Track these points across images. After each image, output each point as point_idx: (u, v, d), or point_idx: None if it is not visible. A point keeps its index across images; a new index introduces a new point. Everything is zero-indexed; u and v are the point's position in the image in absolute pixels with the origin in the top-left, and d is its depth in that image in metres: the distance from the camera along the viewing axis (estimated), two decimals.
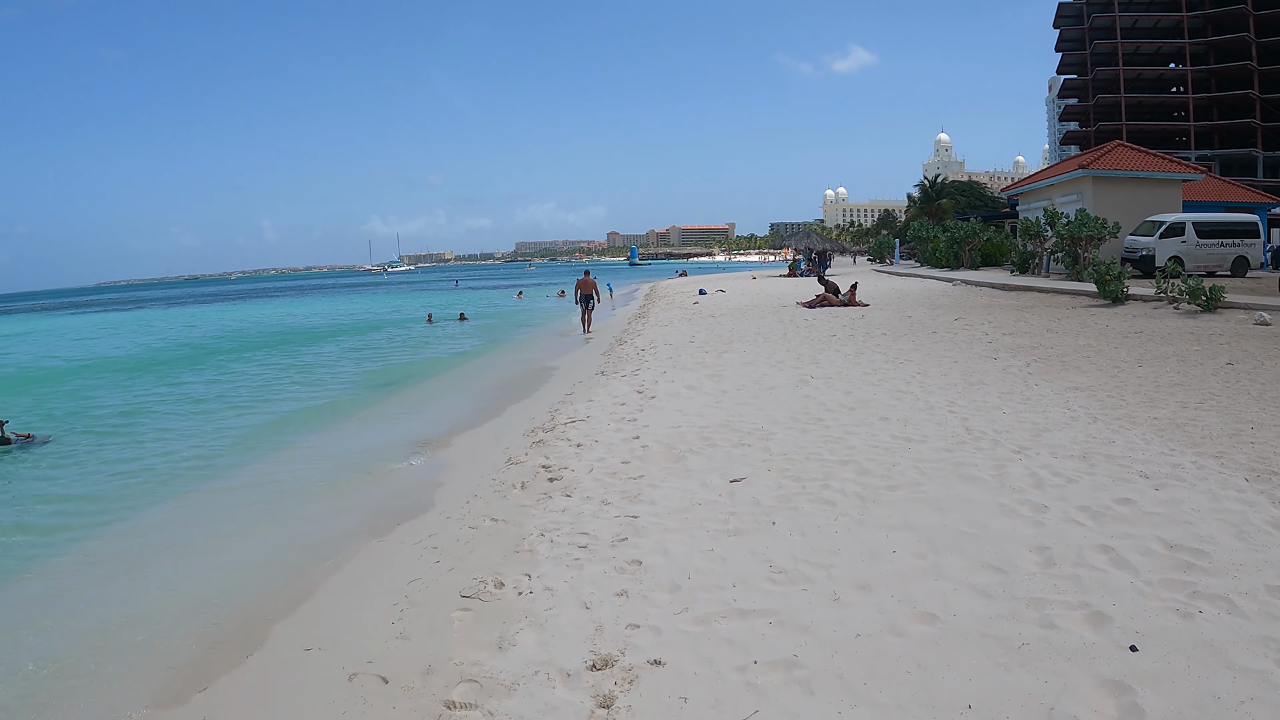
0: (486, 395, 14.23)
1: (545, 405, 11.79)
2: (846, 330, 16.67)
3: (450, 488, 8.08)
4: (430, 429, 11.52)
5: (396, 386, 16.15)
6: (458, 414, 12.55)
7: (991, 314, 19.26)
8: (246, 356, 23.48)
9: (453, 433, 11.04)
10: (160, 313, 61.68)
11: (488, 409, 12.65)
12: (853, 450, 7.35)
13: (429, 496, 8.03)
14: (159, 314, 59.88)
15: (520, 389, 14.40)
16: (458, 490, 7.88)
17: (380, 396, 15.06)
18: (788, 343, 15.10)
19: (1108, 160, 34.71)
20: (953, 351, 13.29)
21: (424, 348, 24.07)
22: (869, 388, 10.30)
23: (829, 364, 12.36)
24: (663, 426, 8.81)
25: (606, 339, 21.38)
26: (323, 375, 18.30)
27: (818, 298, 22.23)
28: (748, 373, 11.89)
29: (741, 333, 17.27)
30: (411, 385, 16.23)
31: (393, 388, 16.07)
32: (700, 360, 13.63)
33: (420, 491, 8.32)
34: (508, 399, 13.40)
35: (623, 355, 15.99)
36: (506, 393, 14.21)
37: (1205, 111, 71.46)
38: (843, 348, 14.06)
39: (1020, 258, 33.12)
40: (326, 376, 18.03)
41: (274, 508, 8.37)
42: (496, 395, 14.07)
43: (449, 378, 17.01)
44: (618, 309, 37.10)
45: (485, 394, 14.37)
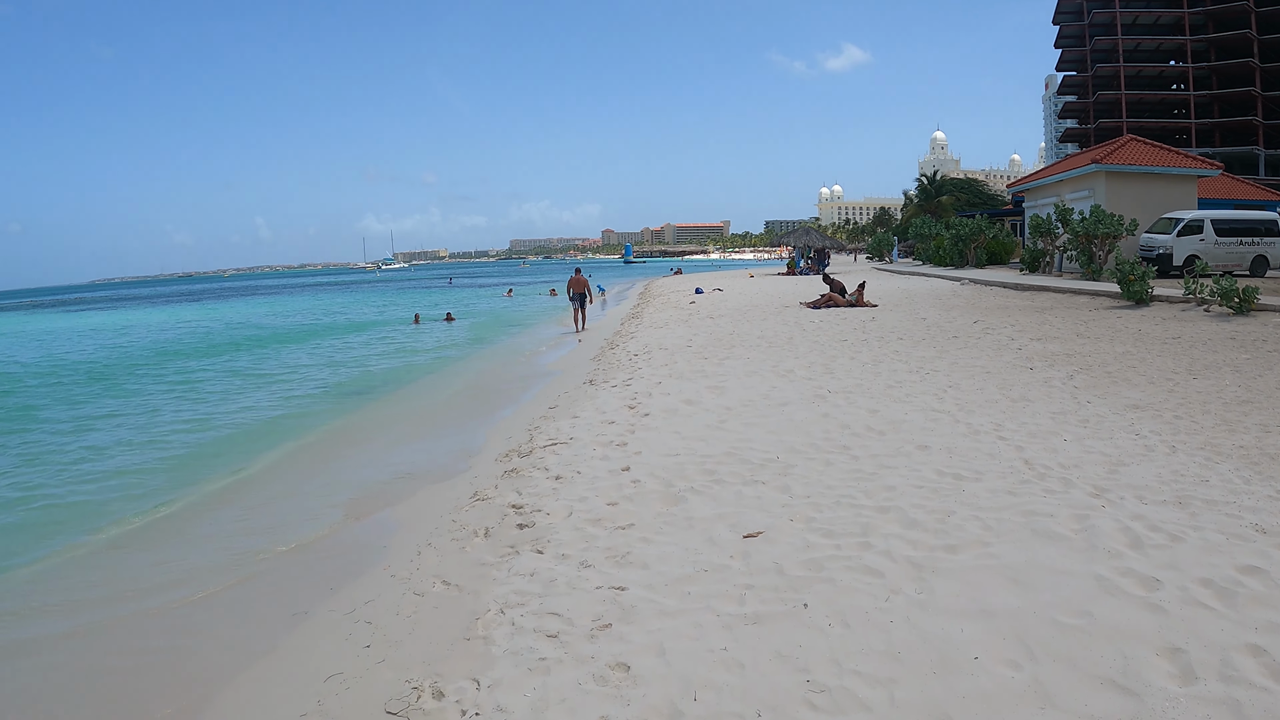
0: (461, 409, 12.84)
1: (525, 421, 10.40)
2: (858, 334, 15.31)
3: (404, 532, 6.69)
4: (391, 452, 10.12)
5: (366, 397, 14.71)
6: (425, 433, 11.15)
7: (1011, 316, 17.94)
8: (214, 362, 21.89)
9: (415, 457, 9.65)
10: (142, 312, 60.10)
11: (460, 426, 11.26)
12: (893, 492, 5.97)
13: (379, 541, 6.64)
14: (140, 313, 58.31)
15: (499, 400, 13.01)
16: (412, 535, 6.50)
17: (346, 408, 13.61)
18: (795, 348, 13.72)
19: (1121, 155, 33.40)
20: (981, 360, 11.93)
21: (404, 351, 22.57)
22: (896, 405, 8.92)
23: (845, 374, 10.98)
24: (657, 454, 7.43)
25: (597, 341, 20.00)
26: (290, 384, 16.79)
27: (823, 298, 20.87)
28: (754, 385, 10.51)
29: (743, 336, 15.89)
30: (382, 395, 14.78)
31: (362, 398, 14.63)
32: (699, 368, 12.26)
33: (368, 535, 6.94)
34: (484, 413, 12.00)
35: (614, 361, 14.61)
36: (483, 405, 12.83)
37: (1206, 109, 70.53)
38: (858, 355, 12.69)
39: (1030, 256, 31.81)
40: (294, 386, 16.53)
41: (183, 565, 6.95)
42: (472, 409, 12.68)
43: (424, 386, 15.57)
44: (609, 308, 35.72)
45: (460, 407, 12.97)
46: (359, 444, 10.78)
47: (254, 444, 11.12)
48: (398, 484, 8.35)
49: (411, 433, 11.17)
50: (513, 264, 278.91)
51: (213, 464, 10.08)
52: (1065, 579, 4.52)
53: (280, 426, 12.29)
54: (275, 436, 11.54)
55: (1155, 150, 34.65)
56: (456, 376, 16.46)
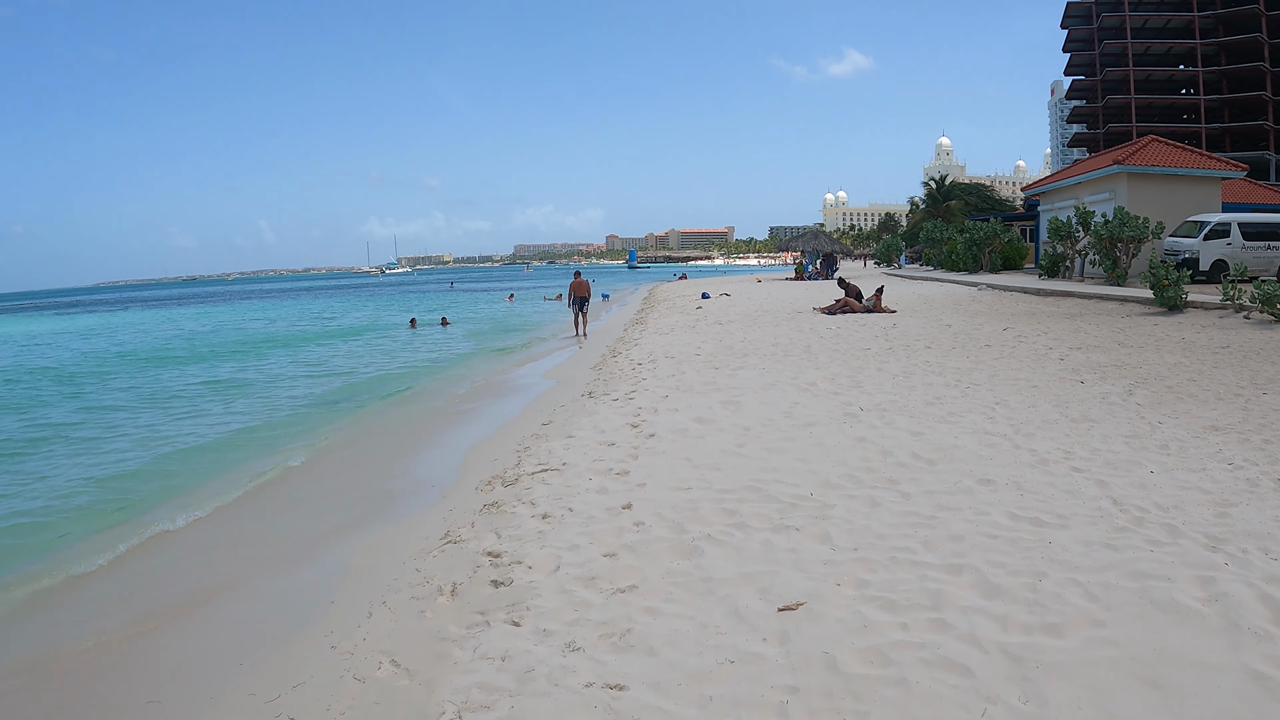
0: (444, 424, 11.64)
1: (514, 440, 9.23)
2: (881, 342, 14.12)
3: (356, 582, 5.51)
4: (358, 475, 8.95)
5: (342, 409, 13.42)
6: (400, 452, 9.94)
7: (1040, 322, 16.75)
8: (191, 370, 20.55)
9: (385, 482, 8.47)
10: (135, 315, 59.12)
11: (440, 444, 10.08)
12: (961, 543, 4.78)
13: (325, 592, 5.47)
14: (134, 316, 57.32)
15: (487, 414, 11.83)
16: (365, 586, 5.33)
17: (316, 422, 12.31)
18: (814, 358, 12.54)
19: (1143, 156, 32.17)
20: (1024, 371, 10.74)
21: (394, 359, 21.29)
22: (942, 426, 7.73)
23: (875, 388, 9.79)
24: (665, 486, 6.24)
25: (599, 348, 18.83)
26: (265, 395, 15.48)
27: (838, 303, 19.69)
28: (773, 400, 9.32)
29: (756, 344, 14.71)
30: (359, 408, 13.51)
31: (337, 411, 13.33)
32: (710, 380, 11.08)
33: (313, 583, 5.77)
34: (469, 429, 10.82)
35: (616, 370, 13.44)
36: (469, 419, 11.64)
37: (1216, 114, 69.54)
38: (885, 365, 11.50)
39: (1049, 260, 30.58)
40: (268, 397, 15.25)
41: (51, 623, 5.79)
42: (456, 424, 11.49)
43: (408, 398, 14.32)
44: (612, 312, 34.58)
45: (442, 422, 11.78)
46: (322, 464, 9.55)
47: (202, 464, 9.88)
48: (358, 515, 7.18)
49: (385, 451, 9.98)
50: (517, 269, 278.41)
51: (141, 491, 8.84)
52: (1212, 677, 3.34)
53: (240, 444, 11.06)
54: (232, 454, 10.33)
55: (1178, 151, 33.43)
56: (445, 386, 15.27)
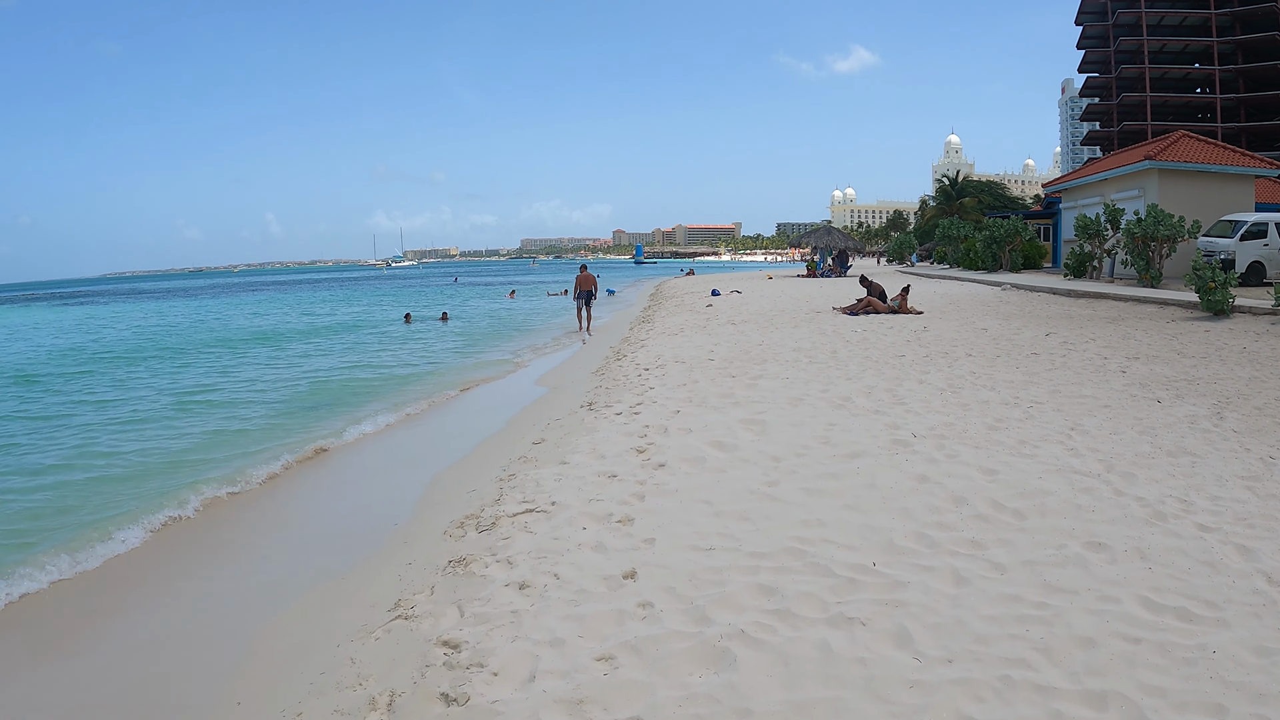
0: (418, 441, 10.26)
1: (498, 463, 7.86)
2: (915, 348, 12.71)
3: (259, 678, 4.15)
4: (299, 509, 7.60)
5: (303, 421, 11.66)
6: (359, 477, 8.56)
7: (1082, 327, 15.32)
8: (164, 369, 18.79)
9: (331, 519, 7.12)
10: (129, 307, 57.89)
11: (410, 468, 8.67)
12: (1093, 652, 3.38)
13: (208, 696, 4.11)
14: (126, 308, 56.10)
15: (473, 428, 10.42)
16: (270, 687, 3.97)
17: (267, 439, 10.56)
18: (844, 366, 11.13)
19: (1175, 151, 30.63)
20: (1087, 386, 9.34)
21: (380, 358, 19.60)
22: (1016, 459, 6.32)
23: (921, 405, 8.39)
24: (679, 545, 4.85)
25: (602, 348, 17.46)
26: (230, 401, 13.63)
27: (860, 303, 18.27)
28: (803, 419, 7.92)
29: (775, 348, 13.30)
30: (324, 418, 11.75)
31: (298, 422, 11.55)
32: (726, 391, 9.68)
33: (198, 682, 4.40)
34: (450, 446, 9.44)
35: (620, 376, 12.06)
36: (451, 434, 10.26)
37: (1232, 113, 68.06)
38: (926, 376, 10.09)
39: (1076, 259, 29.10)
40: (232, 404, 13.39)
41: None
42: (436, 438, 10.13)
43: (384, 405, 12.50)
44: (618, 309, 33.20)
45: (421, 436, 10.41)
46: (269, 492, 8.06)
47: (112, 495, 8.22)
48: (294, 567, 5.82)
49: (341, 477, 8.56)
50: (523, 263, 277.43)
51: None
52: None
53: (173, 465, 9.33)
54: (156, 481, 8.78)
55: (1210, 147, 31.89)
56: (428, 391, 13.83)
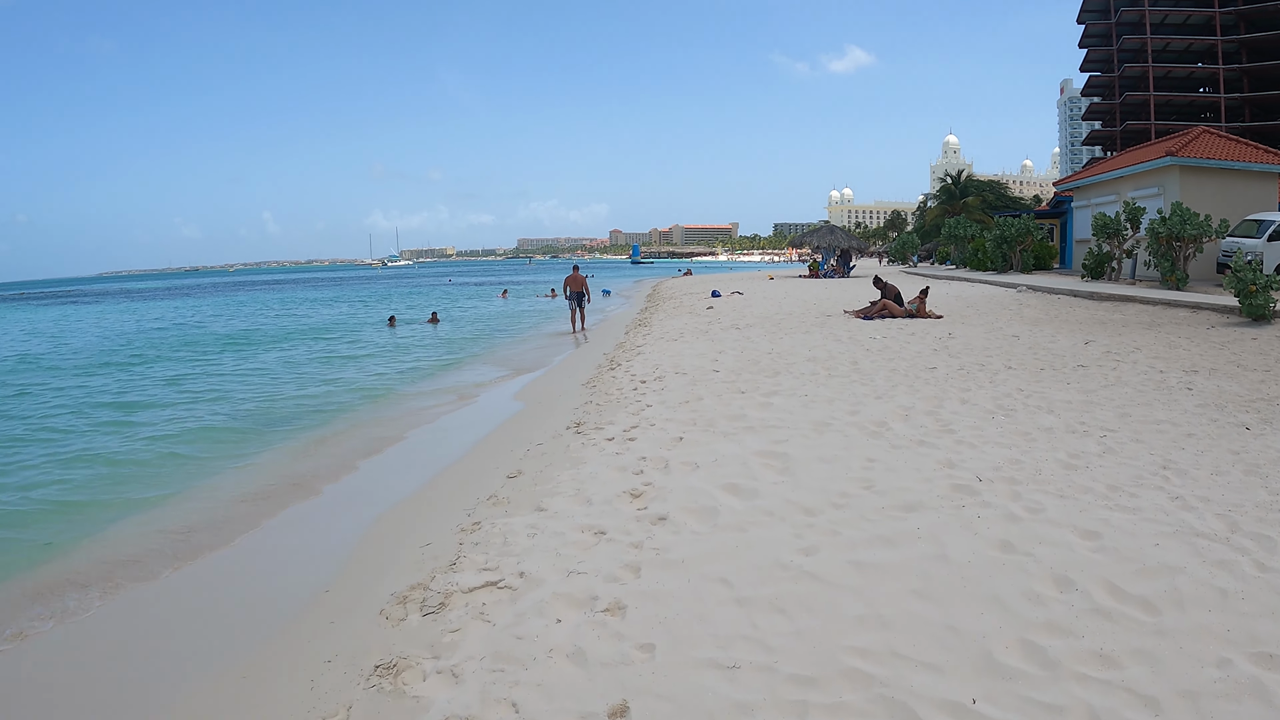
0: (382, 460, 8.83)
1: (463, 503, 6.45)
2: (945, 358, 11.31)
3: None
4: (216, 570, 6.16)
5: (234, 450, 9.78)
6: (301, 517, 7.14)
7: (1120, 334, 13.95)
8: (116, 378, 16.77)
9: (254, 579, 5.68)
10: (110, 307, 56.30)
11: (347, 511, 7.21)
12: None
13: None
14: (107, 309, 54.53)
15: (439, 450, 8.96)
16: None
17: (200, 469, 8.94)
18: (869, 379, 9.71)
19: (1196, 147, 29.28)
20: (1158, 408, 7.94)
21: (346, 369, 17.70)
22: (1121, 517, 4.90)
23: (973, 433, 6.97)
24: (688, 662, 3.42)
25: (595, 354, 16.04)
26: (166, 419, 11.82)
27: (875, 305, 16.86)
28: (834, 450, 6.49)
29: (787, 357, 11.88)
30: (262, 449, 9.87)
31: (227, 452, 9.67)
32: (737, 412, 8.27)
33: None
34: (408, 474, 7.99)
35: (613, 390, 10.64)
36: (416, 458, 8.81)
37: (1237, 112, 67.09)
38: (969, 394, 8.68)
39: (1094, 260, 27.74)
40: (151, 425, 11.45)
41: None
42: (398, 463, 8.69)
43: (335, 430, 10.76)
44: (614, 311, 31.76)
45: (380, 457, 8.97)
46: (146, 560, 6.26)
47: None
48: (157, 670, 4.38)
49: (263, 519, 7.05)
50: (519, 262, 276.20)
51: None
52: None
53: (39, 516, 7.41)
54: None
55: (1231, 143, 30.54)
56: (392, 409, 12.29)
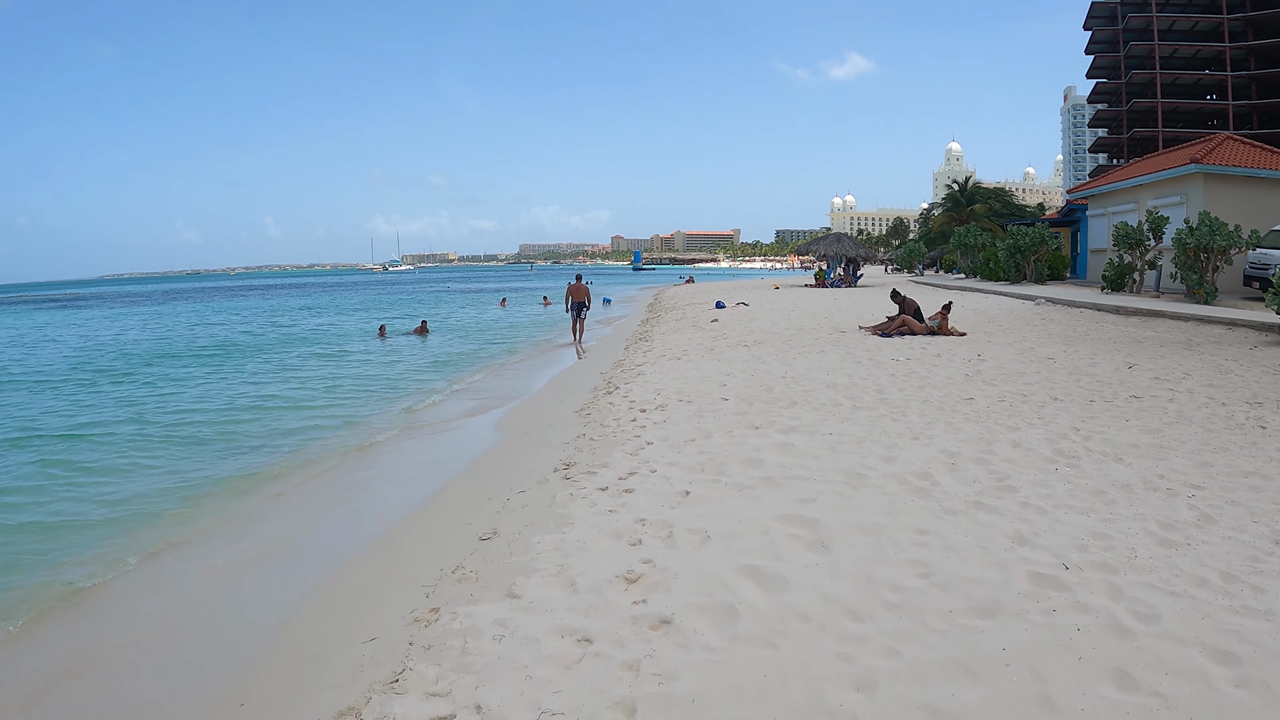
0: (320, 520, 7.62)
1: (423, 575, 5.31)
2: (980, 386, 10.16)
3: None
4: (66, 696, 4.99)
5: (179, 472, 9.00)
6: (192, 609, 5.93)
7: (1161, 355, 12.81)
8: (67, 398, 15.70)
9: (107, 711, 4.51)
10: (96, 313, 55.25)
11: (286, 578, 6.00)
12: None
13: None
14: (93, 314, 53.53)
15: (397, 502, 7.76)
16: None
17: (110, 514, 7.99)
18: (900, 413, 8.56)
19: (1221, 154, 28.22)
20: (1238, 454, 6.80)
21: (324, 382, 16.48)
22: (1248, 623, 3.75)
23: (1038, 491, 5.81)
24: None
25: (591, 372, 14.92)
26: (109, 451, 10.44)
27: (893, 322, 15.73)
28: (874, 515, 5.33)
29: (804, 382, 10.74)
30: (210, 475, 9.01)
31: (172, 475, 8.88)
32: (751, 453, 7.13)
33: None
34: (355, 535, 6.83)
35: (609, 420, 9.50)
36: (368, 512, 7.62)
37: (1245, 120, 66.32)
38: (1017, 432, 7.53)
39: (1114, 271, 26.61)
40: (109, 449, 10.44)
41: None
42: (340, 520, 7.52)
43: (290, 462, 9.70)
44: (615, 321, 30.66)
45: (321, 516, 7.77)
46: None
47: None
48: None
49: (153, 591, 5.84)
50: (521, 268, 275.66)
51: None
52: None
53: None
54: None
55: (1256, 150, 29.47)
56: (360, 436, 11.05)
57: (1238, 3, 65.75)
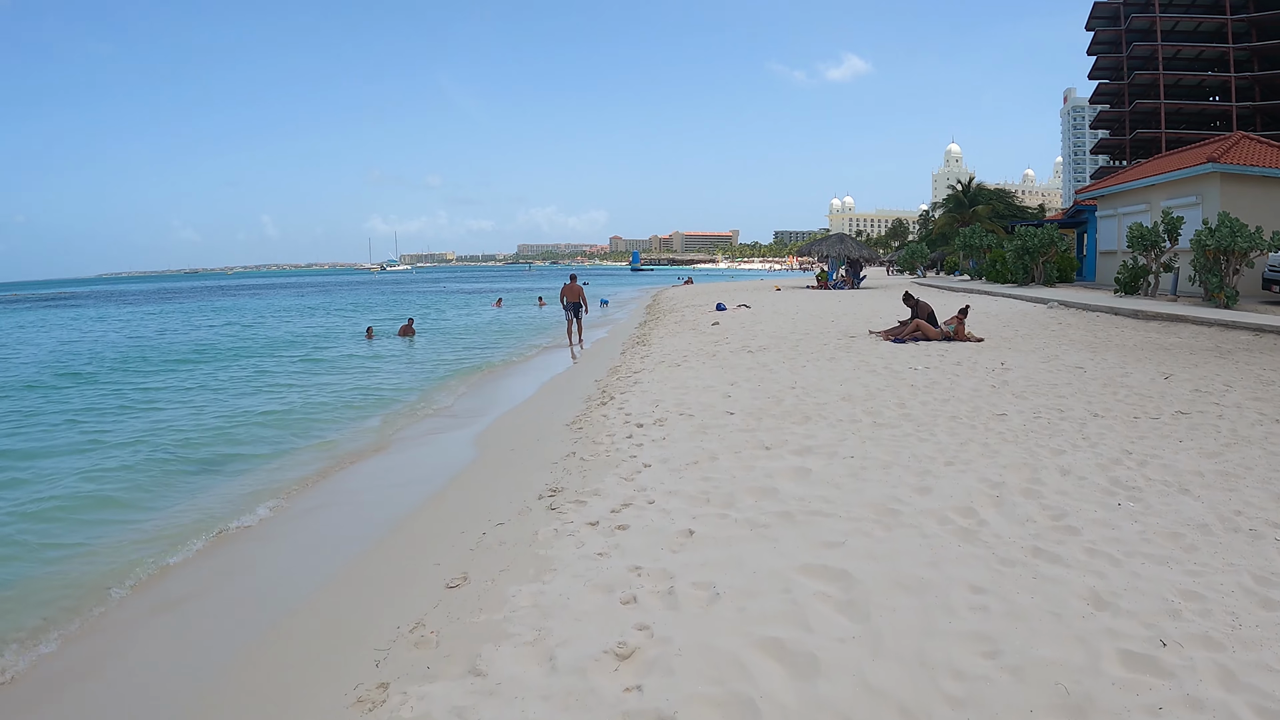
0: (260, 556, 6.67)
1: (372, 635, 4.43)
2: (1010, 399, 9.29)
3: None
4: None
5: (107, 507, 7.95)
6: (74, 688, 5.03)
7: (1195, 364, 11.97)
8: (25, 401, 14.87)
9: None
10: (79, 312, 54.37)
11: (207, 636, 5.02)
12: None
13: None
14: (75, 313, 52.68)
15: (353, 533, 6.85)
16: None
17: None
18: (927, 432, 7.69)
19: (1238, 154, 27.38)
20: None
21: (296, 390, 15.37)
22: None
23: (1102, 533, 4.94)
24: None
25: (586, 379, 14.04)
26: (51, 466, 9.58)
27: (906, 326, 14.85)
28: (915, 565, 4.45)
29: (816, 393, 9.87)
30: (143, 504, 8.03)
31: (100, 509, 7.85)
32: (763, 481, 6.27)
33: None
34: (305, 574, 5.91)
35: (603, 436, 8.63)
36: (321, 544, 6.68)
37: (1249, 121, 65.60)
38: (1062, 456, 6.65)
39: (1129, 274, 25.76)
40: (46, 473, 9.32)
41: None
42: (286, 556, 6.61)
43: (244, 485, 8.82)
44: (613, 322, 29.79)
45: (261, 551, 6.82)
46: None
47: None
48: None
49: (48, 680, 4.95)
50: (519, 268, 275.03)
51: None
52: None
53: None
54: None
55: (1274, 150, 28.62)
56: (324, 453, 10.15)
57: (1241, 4, 65.04)
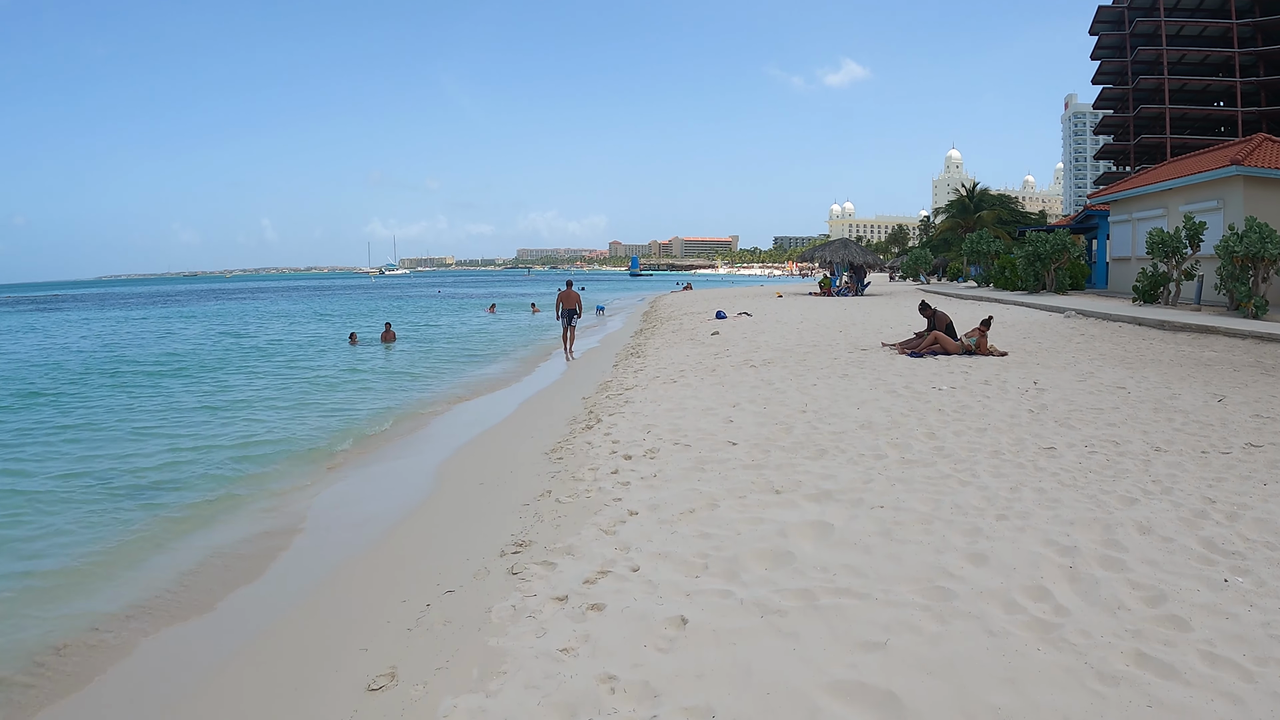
0: (143, 634, 5.45)
1: None
2: (1051, 426, 8.09)
3: None
4: None
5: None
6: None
7: (1239, 382, 10.85)
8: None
9: None
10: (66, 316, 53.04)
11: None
12: None
13: None
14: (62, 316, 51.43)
15: (266, 606, 5.55)
16: None
17: None
18: (965, 468, 6.49)
19: (1261, 156, 26.25)
20: None
21: (246, 409, 13.83)
22: None
23: (1220, 625, 3.77)
24: None
25: (573, 397, 12.87)
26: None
27: (924, 339, 13.67)
28: (988, 690, 3.27)
29: (830, 418, 8.67)
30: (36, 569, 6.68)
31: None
32: (775, 541, 5.09)
33: None
34: (194, 661, 4.67)
35: (584, 473, 7.44)
36: (221, 625, 5.38)
37: (1254, 127, 64.78)
38: (1134, 506, 5.47)
39: (1148, 281, 24.60)
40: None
41: None
42: (174, 640, 5.36)
43: (148, 530, 7.33)
44: (609, 328, 28.64)
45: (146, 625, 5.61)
46: None
47: None
48: None
49: None
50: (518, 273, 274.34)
51: None
52: None
53: None
54: None
55: None
56: (257, 487, 8.75)
57: (1247, 8, 64.13)
